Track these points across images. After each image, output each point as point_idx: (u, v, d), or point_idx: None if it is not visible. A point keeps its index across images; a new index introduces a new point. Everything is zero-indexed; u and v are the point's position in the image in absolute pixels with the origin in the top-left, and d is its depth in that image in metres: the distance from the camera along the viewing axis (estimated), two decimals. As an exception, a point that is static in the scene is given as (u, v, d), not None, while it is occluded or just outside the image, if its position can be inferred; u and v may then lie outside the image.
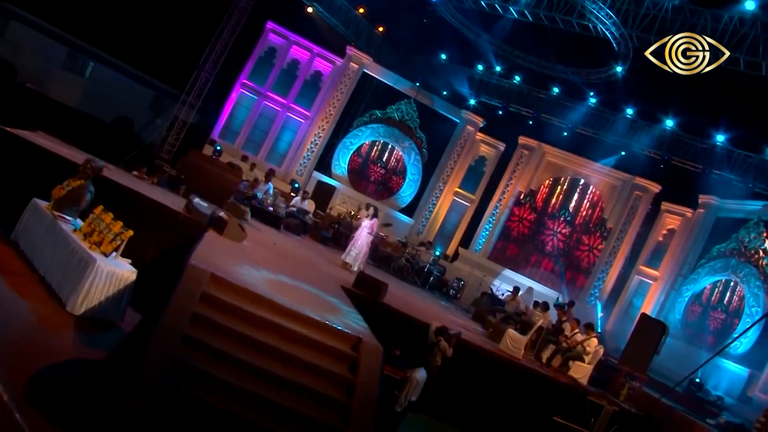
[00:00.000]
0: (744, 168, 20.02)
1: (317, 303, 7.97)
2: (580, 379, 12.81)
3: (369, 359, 6.65)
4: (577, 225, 23.90)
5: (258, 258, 9.44)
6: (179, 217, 9.87)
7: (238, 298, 6.57)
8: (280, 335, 6.49)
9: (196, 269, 6.31)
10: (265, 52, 23.35)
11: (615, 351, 16.22)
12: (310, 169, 23.97)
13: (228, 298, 6.44)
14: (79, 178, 8.52)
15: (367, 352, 6.71)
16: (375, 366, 6.63)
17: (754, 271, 17.92)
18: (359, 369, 6.51)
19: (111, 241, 7.59)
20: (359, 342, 6.88)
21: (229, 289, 6.58)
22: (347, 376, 6.49)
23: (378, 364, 6.70)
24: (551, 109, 24.16)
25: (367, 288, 10.80)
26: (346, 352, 6.79)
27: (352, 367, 6.64)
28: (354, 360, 6.70)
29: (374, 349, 6.83)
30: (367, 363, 6.59)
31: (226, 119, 23.22)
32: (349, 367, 6.65)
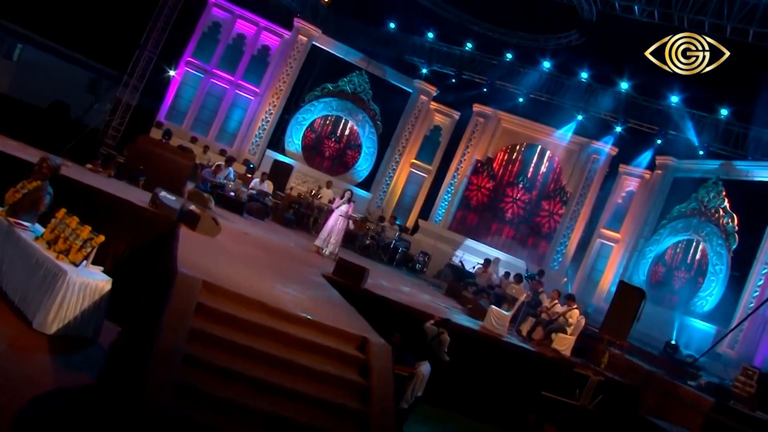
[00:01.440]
0: (699, 128, 20.29)
1: (310, 301, 7.47)
2: (563, 350, 12.79)
3: (379, 361, 6.23)
4: (536, 191, 23.95)
5: (237, 253, 8.84)
6: (146, 213, 9.14)
7: (233, 305, 6.02)
8: (282, 343, 5.99)
9: (186, 278, 5.71)
10: (209, 28, 22.18)
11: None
12: (262, 148, 23.11)
13: (223, 307, 5.88)
14: (35, 179, 7.68)
15: (376, 353, 6.29)
16: (386, 368, 6.23)
17: (716, 229, 18.28)
18: (371, 373, 6.09)
19: (80, 248, 6.86)
20: (365, 342, 6.45)
21: (223, 296, 6.02)
22: (358, 381, 6.07)
23: (389, 366, 6.31)
24: (505, 75, 23.88)
25: (347, 275, 10.35)
26: (352, 354, 6.35)
27: (362, 370, 6.21)
28: (362, 362, 6.27)
29: (383, 349, 6.42)
30: (377, 365, 6.18)
31: (172, 100, 22.05)
32: (359, 371, 6.22)
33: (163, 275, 6.45)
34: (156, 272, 7.53)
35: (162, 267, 7.28)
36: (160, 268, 7.24)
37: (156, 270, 7.71)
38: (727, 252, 17.70)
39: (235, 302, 6.04)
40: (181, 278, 5.63)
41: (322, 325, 6.43)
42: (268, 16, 22.64)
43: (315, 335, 6.29)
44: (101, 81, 24.06)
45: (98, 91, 24.20)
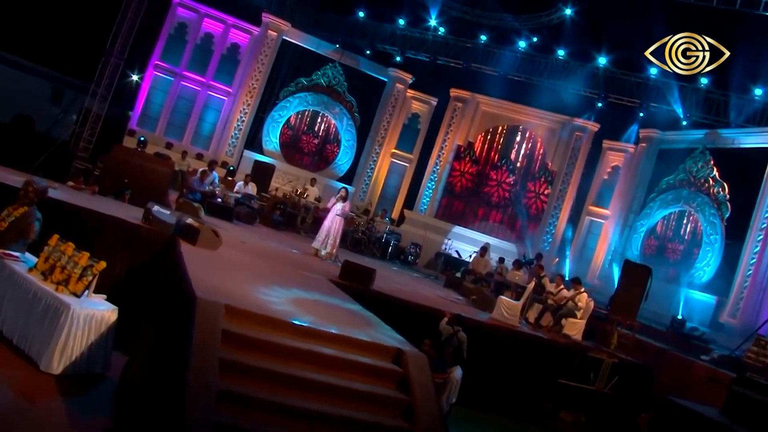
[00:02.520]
0: (680, 98, 20.19)
1: (328, 312, 7.04)
2: (575, 335, 12.57)
3: (419, 374, 5.83)
4: (520, 173, 23.73)
5: (241, 265, 8.34)
6: (140, 230, 8.57)
7: (259, 328, 5.55)
8: (315, 363, 5.55)
9: (207, 304, 5.21)
10: (175, 29, 21.40)
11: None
12: (239, 149, 22.48)
13: (250, 332, 5.41)
14: (21, 204, 7.07)
15: (414, 366, 5.89)
16: (427, 380, 5.84)
17: (707, 199, 18.22)
18: (412, 387, 5.68)
19: (80, 277, 6.31)
20: (400, 354, 6.04)
21: (247, 320, 5.55)
22: (400, 397, 5.66)
23: (429, 377, 5.92)
24: (480, 58, 23.49)
25: (354, 277, 9.94)
26: (389, 368, 5.94)
27: (401, 384, 5.80)
28: (400, 376, 5.86)
29: (420, 361, 6.02)
30: (417, 378, 5.77)
31: (143, 106, 21.26)
32: (398, 386, 5.81)
33: (176, 300, 5.94)
34: (162, 295, 6.99)
35: (168, 289, 6.77)
36: (168, 290, 6.72)
37: (161, 292, 7.17)
38: (720, 221, 17.64)
39: (260, 324, 5.58)
40: (201, 305, 5.14)
41: (353, 340, 6.00)
42: (235, 13, 21.94)
43: (347, 351, 5.86)
44: (64, 91, 23.13)
45: (62, 101, 23.27)
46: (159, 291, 7.31)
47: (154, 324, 6.38)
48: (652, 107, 20.86)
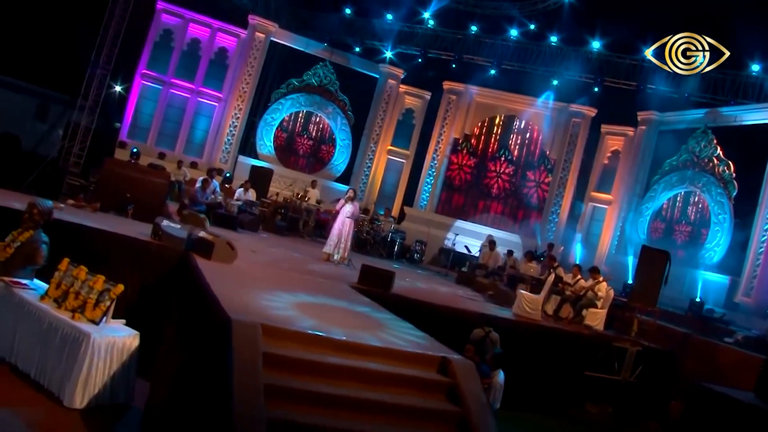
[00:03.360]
0: (677, 79, 19.96)
1: (362, 322, 6.68)
2: (596, 325, 12.30)
3: (468, 382, 5.50)
4: (519, 162, 23.44)
5: (263, 277, 7.95)
6: (151, 247, 8.16)
7: (297, 346, 5.19)
8: (361, 381, 5.19)
9: (243, 325, 4.83)
10: (160, 36, 20.89)
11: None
12: (233, 155, 22.02)
13: (291, 352, 5.04)
14: (26, 228, 6.66)
15: (462, 374, 5.55)
16: (477, 389, 5.51)
17: (713, 179, 18.01)
18: (463, 397, 5.34)
19: (97, 302, 5.91)
20: (446, 363, 5.69)
21: (286, 339, 5.18)
22: (451, 409, 5.32)
23: (479, 386, 5.59)
24: (472, 48, 23.18)
25: (374, 281, 9.58)
26: (435, 379, 5.60)
27: (450, 394, 5.47)
28: (448, 386, 5.52)
29: (467, 367, 5.69)
30: (467, 387, 5.43)
31: (133, 116, 20.75)
32: (448, 397, 5.48)
33: (203, 322, 5.56)
34: (184, 317, 6.59)
35: (190, 310, 6.38)
36: (191, 311, 6.32)
37: (181, 314, 6.77)
38: (728, 200, 17.43)
39: (299, 343, 5.21)
40: (237, 327, 4.76)
41: (395, 351, 5.65)
42: (220, 16, 21.47)
43: (391, 364, 5.51)
44: (49, 107, 22.51)
45: (48, 117, 22.66)
46: (178, 312, 6.90)
47: (179, 349, 5.99)
48: (649, 89, 20.63)
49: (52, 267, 6.59)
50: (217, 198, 13.42)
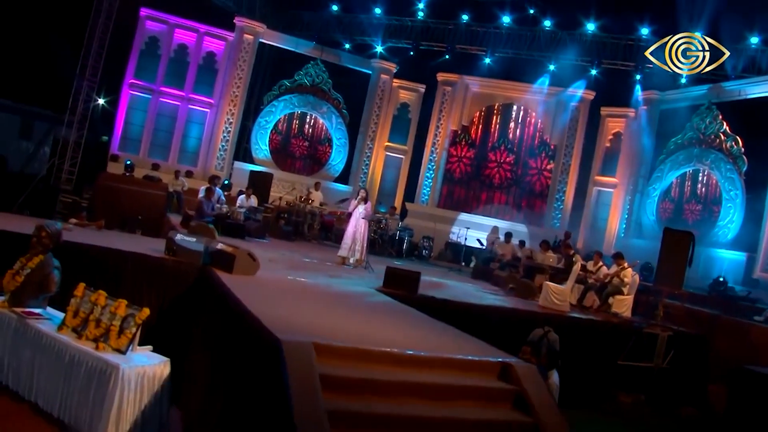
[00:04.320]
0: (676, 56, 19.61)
1: (406, 327, 6.23)
2: (624, 312, 11.95)
3: (535, 388, 5.09)
4: (519, 151, 23.05)
5: (290, 288, 7.48)
6: (166, 264, 7.64)
7: (353, 364, 4.74)
8: (424, 396, 4.77)
9: (295, 346, 4.36)
10: (146, 44, 20.26)
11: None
12: (229, 161, 21.48)
13: (348, 371, 4.58)
14: (35, 253, 6.14)
15: (527, 380, 5.14)
16: (545, 394, 5.13)
17: (721, 155, 17.69)
18: (532, 405, 4.94)
19: (121, 330, 5.41)
20: (508, 369, 5.27)
21: (339, 356, 4.72)
22: (521, 420, 4.93)
23: (546, 391, 5.18)
24: (464, 38, 22.72)
25: (399, 284, 9.11)
26: (499, 387, 5.19)
27: (517, 403, 5.07)
28: (514, 394, 5.11)
29: (531, 373, 5.29)
30: (536, 394, 5.04)
31: (123, 128, 20.13)
32: (515, 405, 5.06)
33: (243, 345, 5.08)
34: (215, 339, 6.10)
35: (222, 331, 5.89)
36: (224, 333, 5.83)
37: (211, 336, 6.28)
38: (738, 176, 17.12)
39: (354, 359, 4.75)
40: (289, 349, 4.28)
41: (453, 360, 5.22)
42: (206, 20, 20.88)
43: (450, 375, 5.10)
44: (34, 124, 21.84)
45: (33, 135, 21.99)
46: (207, 335, 6.40)
47: (216, 376, 5.51)
48: (647, 68, 20.29)
49: (64, 293, 6.10)
50: (222, 207, 12.88)
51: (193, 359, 6.33)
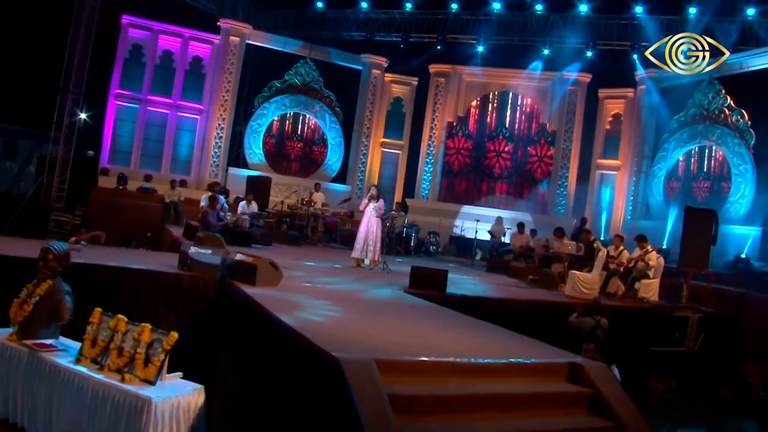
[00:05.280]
0: (671, 33, 19.24)
1: (457, 332, 5.75)
2: (651, 297, 11.56)
3: (611, 389, 4.67)
4: (518, 139, 22.62)
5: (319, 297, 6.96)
6: (183, 280, 7.09)
7: (417, 378, 4.26)
8: (497, 408, 4.31)
9: (356, 366, 3.85)
10: (130, 52, 19.64)
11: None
12: (223, 168, 20.91)
13: (415, 388, 4.09)
14: (43, 278, 5.59)
15: (601, 380, 4.70)
16: (623, 395, 4.71)
17: (727, 130, 17.36)
18: (612, 408, 4.51)
19: (148, 357, 4.88)
20: (576, 369, 4.82)
21: (402, 371, 4.23)
22: (604, 425, 4.47)
23: (622, 391, 4.72)
24: (455, 28, 22.28)
25: (426, 284, 8.64)
26: (572, 391, 4.73)
27: (593, 407, 4.62)
28: (588, 397, 4.66)
29: (604, 373, 4.86)
30: (613, 395, 4.61)
31: (111, 140, 19.47)
32: (590, 410, 4.61)
33: (289, 367, 4.56)
34: (249, 362, 5.56)
35: (259, 352, 5.36)
36: (262, 354, 5.30)
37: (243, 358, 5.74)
38: (747, 150, 16.79)
39: (419, 373, 4.27)
40: (351, 368, 3.77)
41: (519, 365, 4.75)
42: (190, 24, 20.28)
43: (519, 381, 4.64)
44: (18, 143, 21.14)
45: (17, 154, 21.29)
46: (239, 355, 5.85)
47: (259, 405, 4.98)
48: (643, 47, 19.91)
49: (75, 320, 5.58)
50: (226, 215, 12.32)
51: (224, 383, 5.79)
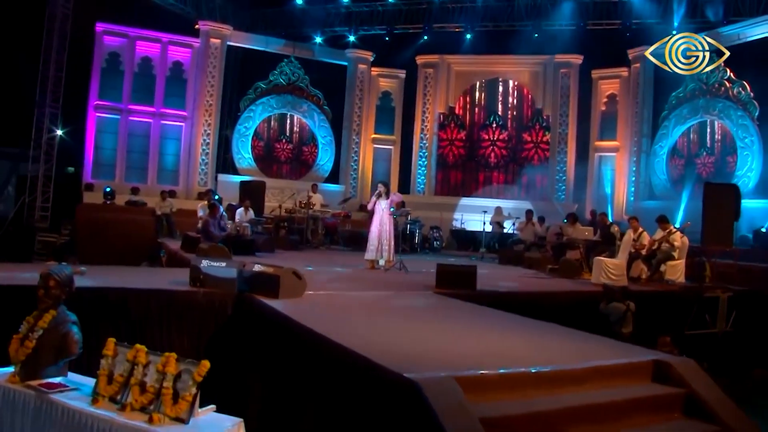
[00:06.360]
0: (662, 9, 18.89)
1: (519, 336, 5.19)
2: (678, 278, 11.08)
3: (707, 388, 4.14)
4: (512, 126, 22.13)
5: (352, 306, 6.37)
6: (197, 298, 6.43)
7: (505, 395, 3.69)
8: (592, 420, 3.77)
9: (437, 387, 3.26)
10: (107, 61, 18.83)
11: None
12: (212, 175, 20.17)
13: (504, 407, 3.52)
14: (44, 308, 4.87)
15: (694, 378, 4.19)
16: (720, 394, 4.13)
17: (729, 103, 16.99)
18: (713, 411, 3.98)
19: (177, 393, 4.21)
20: (663, 367, 4.29)
21: (486, 388, 3.65)
22: (707, 430, 3.88)
23: (718, 389, 4.17)
24: (440, 16, 21.77)
25: (455, 282, 8.05)
26: (664, 393, 4.20)
27: (688, 409, 4.08)
28: (682, 398, 4.14)
29: (694, 370, 4.35)
30: (711, 396, 4.06)
31: (94, 154, 18.64)
32: (685, 412, 4.06)
33: (354, 394, 3.94)
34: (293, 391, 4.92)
35: (304, 380, 4.72)
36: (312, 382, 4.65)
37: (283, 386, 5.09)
38: (751, 122, 16.42)
39: (506, 389, 3.70)
40: (432, 392, 3.18)
41: (602, 368, 4.20)
42: (168, 28, 19.53)
43: (606, 387, 4.10)
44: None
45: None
46: (277, 380, 5.19)
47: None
48: (635, 24, 19.54)
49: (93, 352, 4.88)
50: (227, 224, 11.64)
51: (261, 413, 5.16)
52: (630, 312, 7.83)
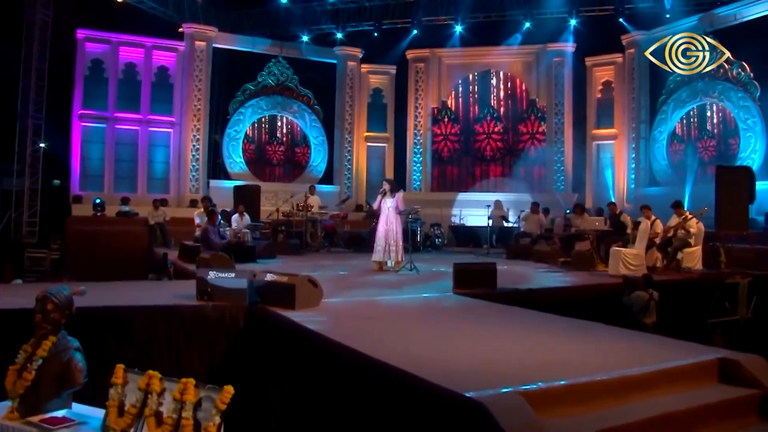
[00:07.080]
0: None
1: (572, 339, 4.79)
2: (695, 265, 10.78)
3: None
4: (507, 118, 21.77)
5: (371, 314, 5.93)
6: (207, 313, 5.97)
7: (575, 409, 3.29)
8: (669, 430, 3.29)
9: (505, 406, 2.87)
10: (89, 69, 18.26)
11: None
12: (203, 181, 19.66)
13: (575, 424, 3.12)
14: (42, 335, 4.41)
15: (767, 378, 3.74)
16: None
17: (729, 84, 16.70)
18: None
19: (198, 422, 3.77)
20: (731, 366, 3.94)
21: (556, 403, 3.25)
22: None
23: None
24: (430, 9, 21.36)
25: (474, 282, 7.67)
26: (734, 396, 3.80)
27: (765, 411, 3.64)
28: (757, 399, 3.77)
29: (765, 367, 3.89)
30: None
31: (80, 165, 18.07)
32: (761, 415, 3.68)
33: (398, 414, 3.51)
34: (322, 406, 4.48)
35: (342, 396, 4.29)
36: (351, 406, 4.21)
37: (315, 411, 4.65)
38: (753, 102, 16.14)
39: (575, 402, 3.31)
40: (501, 412, 2.78)
41: (668, 371, 3.83)
42: (151, 32, 19.01)
43: (675, 392, 3.73)
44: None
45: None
46: (307, 401, 4.73)
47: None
48: (627, 9, 19.23)
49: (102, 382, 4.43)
50: (226, 232, 11.17)
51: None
52: (653, 301, 7.58)
